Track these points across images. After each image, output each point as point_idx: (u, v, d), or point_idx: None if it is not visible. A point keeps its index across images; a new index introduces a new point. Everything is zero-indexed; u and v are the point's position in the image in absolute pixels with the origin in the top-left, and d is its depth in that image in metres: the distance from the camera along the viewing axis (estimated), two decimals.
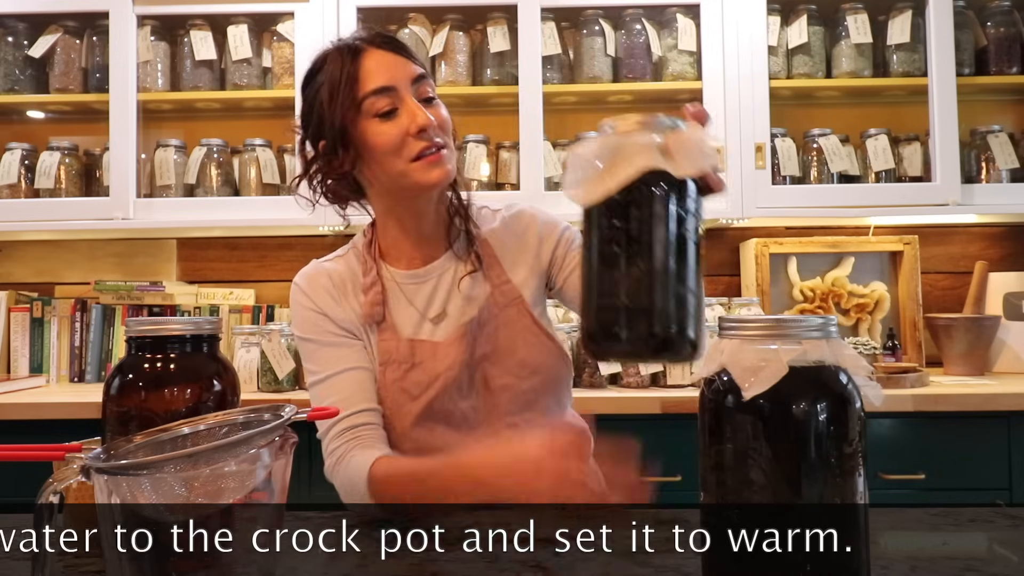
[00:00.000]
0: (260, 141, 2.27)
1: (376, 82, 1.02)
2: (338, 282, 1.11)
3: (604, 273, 0.69)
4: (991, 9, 2.25)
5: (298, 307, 1.10)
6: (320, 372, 1.07)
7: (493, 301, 1.10)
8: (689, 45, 2.18)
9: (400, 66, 1.03)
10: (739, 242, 2.43)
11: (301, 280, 1.12)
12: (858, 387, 0.62)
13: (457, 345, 1.07)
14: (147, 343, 0.76)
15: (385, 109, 1.01)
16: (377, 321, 1.08)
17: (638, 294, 0.67)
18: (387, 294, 1.10)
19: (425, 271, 1.11)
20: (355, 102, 1.01)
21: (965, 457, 1.80)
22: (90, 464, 0.59)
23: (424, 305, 1.10)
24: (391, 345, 1.07)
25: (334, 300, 1.09)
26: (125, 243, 2.49)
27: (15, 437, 1.81)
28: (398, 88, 1.02)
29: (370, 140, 1.02)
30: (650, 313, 0.67)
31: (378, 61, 1.03)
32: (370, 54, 1.03)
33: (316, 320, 1.08)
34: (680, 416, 1.79)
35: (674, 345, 0.68)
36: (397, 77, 1.02)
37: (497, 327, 1.09)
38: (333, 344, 1.07)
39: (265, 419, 0.65)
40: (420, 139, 1.01)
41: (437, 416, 1.06)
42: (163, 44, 2.27)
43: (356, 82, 1.01)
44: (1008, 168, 2.22)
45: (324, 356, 1.07)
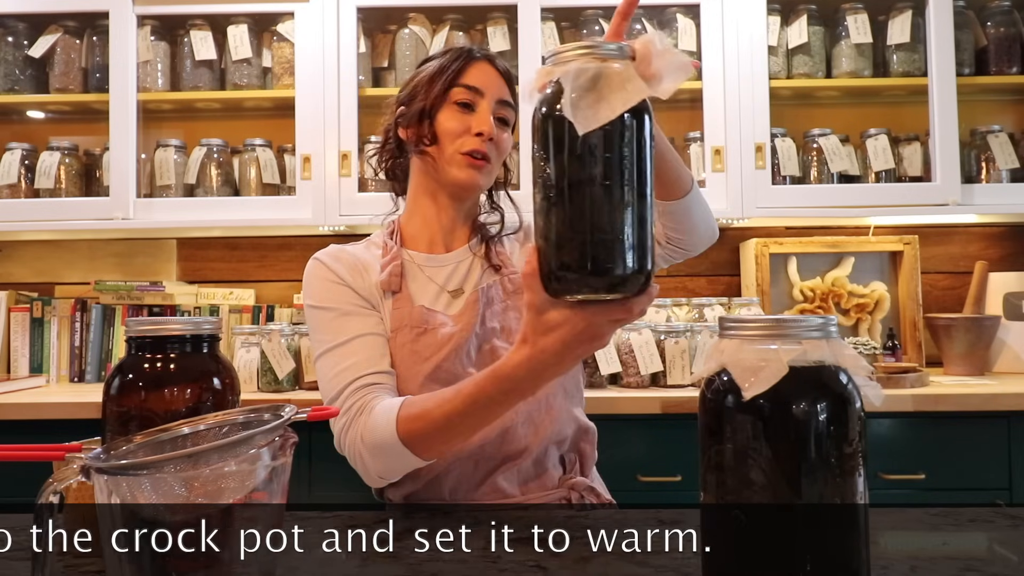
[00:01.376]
0: (260, 141, 2.27)
1: (470, 80, 1.13)
2: (361, 260, 1.16)
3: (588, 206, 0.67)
4: (991, 9, 2.25)
5: (317, 279, 1.13)
6: (335, 340, 1.08)
7: (502, 286, 1.16)
8: (689, 45, 2.18)
9: (496, 80, 1.15)
10: (739, 242, 2.43)
11: (323, 255, 1.15)
12: (858, 387, 0.62)
13: (470, 309, 1.13)
14: (147, 343, 0.76)
15: (465, 100, 1.13)
16: (394, 290, 1.12)
17: (622, 225, 0.67)
18: (405, 269, 1.15)
19: (444, 257, 1.18)
20: (447, 87, 1.13)
21: (965, 457, 1.80)
22: (90, 464, 0.59)
23: (443, 282, 1.16)
24: (404, 312, 1.11)
25: (356, 273, 1.13)
26: (125, 243, 2.49)
27: (15, 437, 1.81)
28: (484, 94, 1.13)
29: (442, 120, 1.13)
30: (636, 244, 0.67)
31: (483, 70, 1.15)
32: (480, 64, 1.15)
33: (337, 290, 1.11)
34: (680, 416, 1.80)
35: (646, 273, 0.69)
36: (489, 87, 1.14)
37: (507, 308, 1.15)
38: (352, 313, 1.10)
39: (265, 419, 0.65)
40: (476, 141, 1.12)
41: (445, 379, 1.06)
42: (163, 44, 2.27)
43: (458, 74, 1.13)
44: (1008, 168, 2.22)
45: (342, 323, 1.09)
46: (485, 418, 0.92)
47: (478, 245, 1.20)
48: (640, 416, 1.81)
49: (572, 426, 1.15)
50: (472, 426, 0.93)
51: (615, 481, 1.23)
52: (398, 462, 0.98)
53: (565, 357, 0.78)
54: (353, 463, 1.02)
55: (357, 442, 1.00)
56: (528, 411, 1.10)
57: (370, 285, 1.13)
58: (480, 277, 1.16)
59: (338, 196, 2.15)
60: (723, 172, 2.14)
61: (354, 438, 1.00)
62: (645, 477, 1.77)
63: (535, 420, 1.10)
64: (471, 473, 1.08)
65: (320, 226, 2.18)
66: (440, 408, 0.92)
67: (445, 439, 0.94)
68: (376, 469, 1.00)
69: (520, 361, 0.81)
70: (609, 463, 1.31)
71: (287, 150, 2.28)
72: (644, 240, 0.69)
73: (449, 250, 1.19)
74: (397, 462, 0.98)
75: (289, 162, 2.27)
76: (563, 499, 1.11)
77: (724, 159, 2.14)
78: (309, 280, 1.14)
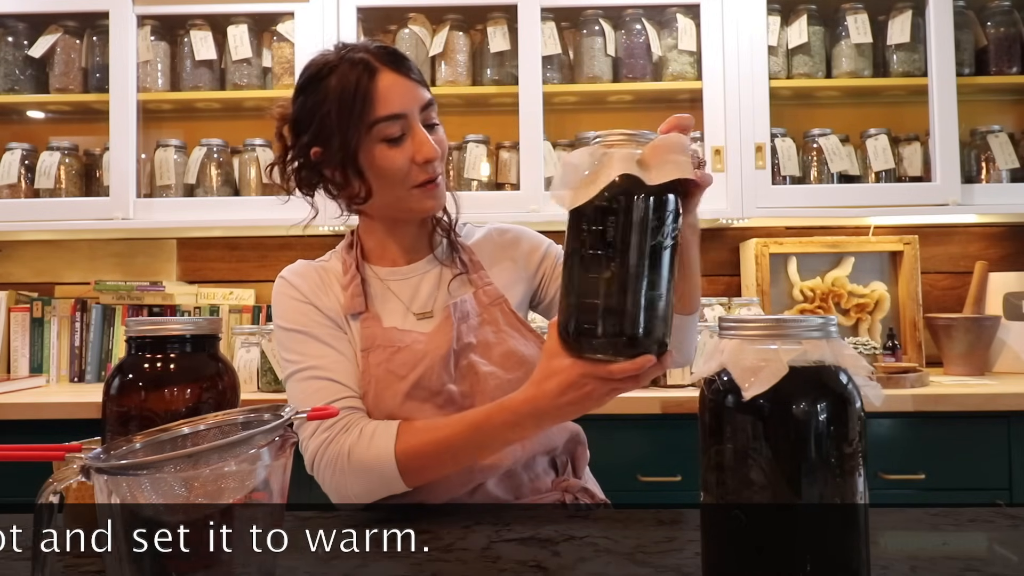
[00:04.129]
0: (260, 141, 2.27)
1: (389, 108, 1.02)
2: (324, 277, 1.12)
3: (581, 274, 0.74)
4: (991, 9, 2.25)
5: (284, 298, 1.10)
6: (306, 361, 1.05)
7: (476, 299, 1.11)
8: (689, 45, 2.18)
9: (412, 92, 1.04)
10: (739, 242, 2.43)
11: (288, 274, 1.13)
12: (858, 387, 0.62)
13: (444, 327, 1.07)
14: (147, 343, 0.76)
15: (392, 135, 1.02)
16: (358, 312, 1.08)
17: (611, 296, 0.73)
18: (368, 288, 1.11)
19: (408, 269, 1.13)
20: (366, 125, 1.01)
21: (965, 457, 1.81)
22: (90, 464, 0.59)
23: (408, 299, 1.11)
24: (375, 331, 1.07)
25: (321, 291, 1.10)
26: (125, 243, 2.49)
27: (15, 437, 1.81)
28: (409, 116, 1.03)
29: (377, 163, 1.03)
30: (621, 314, 0.73)
31: (391, 85, 1.02)
32: (384, 76, 1.02)
33: (305, 310, 1.08)
34: (680, 416, 1.80)
35: (641, 345, 0.74)
36: (408, 104, 1.03)
37: (481, 322, 1.10)
38: (318, 335, 1.06)
39: (265, 419, 0.65)
40: (424, 170, 1.04)
41: (424, 394, 1.04)
42: (163, 44, 2.27)
43: (370, 104, 1.01)
44: (1008, 168, 2.22)
45: (313, 346, 1.06)
46: (484, 447, 0.93)
47: (445, 252, 1.15)
48: (640, 416, 1.81)
49: (563, 435, 1.13)
50: (469, 454, 0.94)
51: (615, 481, 1.23)
52: (381, 486, 0.96)
53: (562, 405, 0.82)
54: (326, 481, 0.98)
55: (341, 459, 0.96)
56: None
57: (335, 304, 1.09)
58: (450, 284, 1.12)
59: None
60: (723, 172, 2.14)
61: (336, 455, 0.97)
62: (645, 477, 1.77)
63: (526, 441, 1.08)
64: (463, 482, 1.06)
65: (320, 226, 2.18)
66: (441, 431, 0.93)
67: (439, 464, 0.94)
68: (355, 490, 0.97)
69: (525, 399, 0.86)
70: (609, 463, 1.31)
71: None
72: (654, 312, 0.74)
73: (412, 261, 1.13)
74: (380, 485, 0.96)
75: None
76: (557, 501, 1.11)
77: (724, 159, 2.14)
78: (276, 299, 1.11)
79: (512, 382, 1.06)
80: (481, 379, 1.06)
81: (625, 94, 2.28)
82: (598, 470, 1.21)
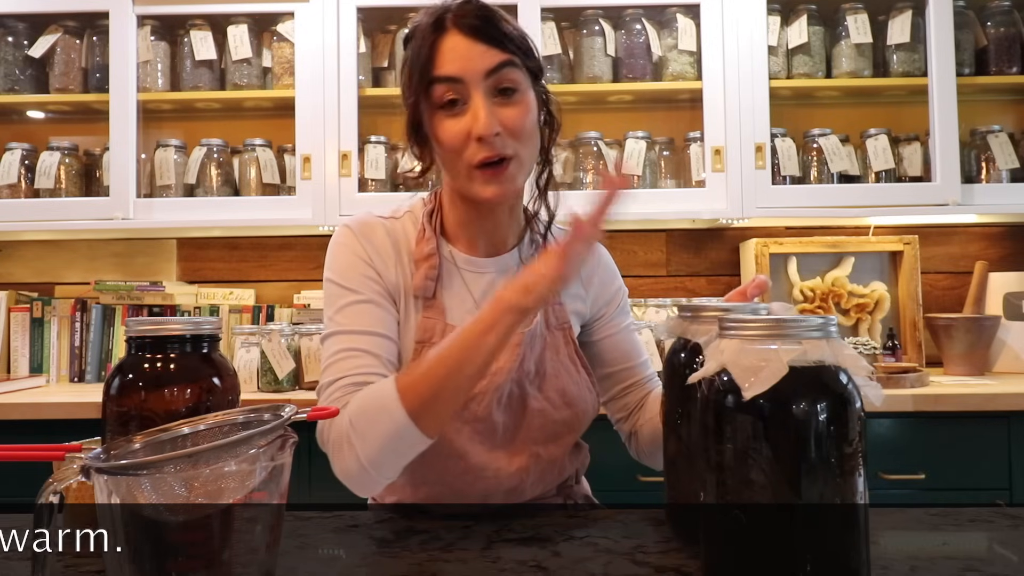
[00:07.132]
0: (260, 141, 2.27)
1: (443, 69, 0.93)
2: (394, 242, 1.02)
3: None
4: (991, 9, 2.25)
5: (346, 251, 1.00)
6: (349, 326, 0.96)
7: (545, 319, 1.03)
8: (689, 45, 2.18)
9: (476, 56, 0.92)
10: (739, 242, 2.43)
11: (356, 225, 1.02)
12: (858, 387, 0.62)
13: (511, 352, 0.98)
14: (147, 343, 0.76)
15: (448, 99, 0.93)
16: (426, 296, 1.00)
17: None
18: (442, 270, 1.01)
19: (487, 262, 1.04)
20: (424, 84, 0.94)
21: (965, 457, 1.81)
22: (90, 464, 0.59)
23: (480, 296, 1.02)
24: (435, 325, 0.98)
25: (389, 258, 1.01)
26: (125, 243, 2.49)
27: (15, 437, 1.81)
28: (467, 82, 0.92)
29: (435, 132, 0.95)
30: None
31: (453, 46, 0.93)
32: (450, 36, 0.93)
33: (365, 271, 0.99)
34: None
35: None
36: (468, 68, 0.92)
37: (545, 347, 1.02)
38: (374, 303, 0.97)
39: (265, 419, 0.65)
40: (481, 147, 0.93)
41: (467, 416, 0.96)
42: (163, 44, 2.27)
43: (431, 63, 0.93)
44: (1008, 168, 2.22)
45: (361, 312, 0.96)
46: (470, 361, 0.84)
47: (529, 248, 1.06)
48: None
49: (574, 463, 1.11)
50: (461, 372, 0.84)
51: (615, 481, 1.23)
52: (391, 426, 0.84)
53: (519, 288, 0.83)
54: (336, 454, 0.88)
55: (344, 425, 0.87)
56: (540, 471, 1.03)
57: (399, 276, 1.00)
58: None
59: (338, 196, 2.15)
60: (723, 172, 2.14)
61: (341, 422, 0.88)
62: (645, 477, 1.77)
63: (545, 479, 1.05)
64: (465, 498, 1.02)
65: (320, 226, 2.18)
66: (431, 355, 0.86)
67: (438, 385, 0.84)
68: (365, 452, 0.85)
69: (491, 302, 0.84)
70: (609, 463, 1.31)
71: (287, 150, 2.28)
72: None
73: (492, 254, 1.04)
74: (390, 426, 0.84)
75: (289, 162, 2.27)
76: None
77: (724, 159, 2.14)
78: (335, 250, 1.01)
79: (557, 423, 1.02)
80: (528, 414, 1.01)
81: (625, 94, 2.27)
82: (598, 470, 1.21)
